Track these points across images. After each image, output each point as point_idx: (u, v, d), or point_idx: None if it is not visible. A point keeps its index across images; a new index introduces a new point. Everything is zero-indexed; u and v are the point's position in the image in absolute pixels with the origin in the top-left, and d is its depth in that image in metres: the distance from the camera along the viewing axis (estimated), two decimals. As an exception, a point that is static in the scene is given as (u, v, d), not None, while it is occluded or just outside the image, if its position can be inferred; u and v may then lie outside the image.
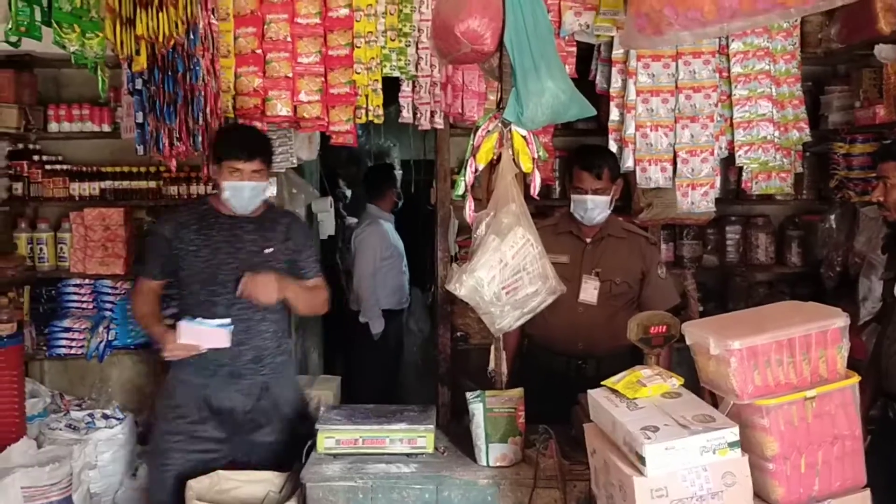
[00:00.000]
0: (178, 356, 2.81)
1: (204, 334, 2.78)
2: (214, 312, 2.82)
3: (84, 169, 4.03)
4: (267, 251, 2.92)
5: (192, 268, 2.86)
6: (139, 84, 3.05)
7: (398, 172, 6.63)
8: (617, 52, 3.44)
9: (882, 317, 2.73)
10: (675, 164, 3.43)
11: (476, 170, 2.53)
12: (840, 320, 1.82)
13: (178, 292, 2.97)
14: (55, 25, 2.20)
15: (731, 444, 1.69)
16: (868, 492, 1.83)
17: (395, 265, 5.15)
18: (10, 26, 2.07)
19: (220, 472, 2.69)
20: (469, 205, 2.58)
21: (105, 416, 3.70)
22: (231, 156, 2.83)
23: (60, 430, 3.52)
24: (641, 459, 1.67)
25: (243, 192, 2.85)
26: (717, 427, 1.70)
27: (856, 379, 1.84)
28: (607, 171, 3.02)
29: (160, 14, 2.59)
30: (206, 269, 2.85)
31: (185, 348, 2.78)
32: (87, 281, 4.08)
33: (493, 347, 2.73)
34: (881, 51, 3.39)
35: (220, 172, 2.84)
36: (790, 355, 1.77)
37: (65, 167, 4.05)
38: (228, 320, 2.80)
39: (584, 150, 3.26)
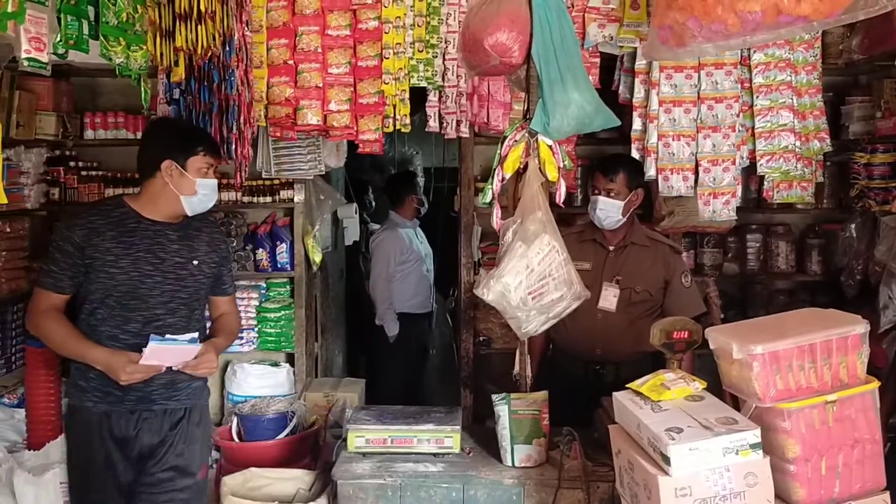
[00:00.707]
0: (137, 379, 2.50)
1: (173, 353, 2.51)
2: (126, 329, 2.56)
3: (118, 175, 4.14)
4: (194, 263, 2.68)
5: (109, 280, 2.54)
6: (176, 94, 3.17)
7: (420, 179, 6.72)
8: (640, 63, 3.50)
9: (902, 325, 2.76)
10: (696, 173, 3.48)
11: (503, 178, 2.60)
12: (860, 327, 1.87)
13: (83, 307, 2.58)
14: (102, 39, 2.29)
15: (753, 446, 1.74)
16: (887, 494, 1.87)
17: (415, 270, 5.22)
18: (59, 39, 2.17)
19: (253, 469, 2.79)
20: (496, 212, 2.65)
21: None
22: (211, 151, 2.66)
23: (94, 428, 3.61)
24: (666, 459, 1.72)
25: (216, 190, 2.69)
26: (740, 429, 1.75)
27: (875, 384, 1.88)
28: (623, 175, 3.05)
29: (199, 27, 2.67)
30: (126, 283, 2.55)
31: (147, 370, 2.49)
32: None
33: (517, 351, 2.79)
34: (902, 62, 3.44)
35: (189, 169, 2.60)
36: (811, 360, 1.82)
37: (99, 173, 4.17)
38: (196, 334, 2.60)
39: (606, 156, 3.33)
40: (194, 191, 2.61)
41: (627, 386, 2.03)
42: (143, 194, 2.65)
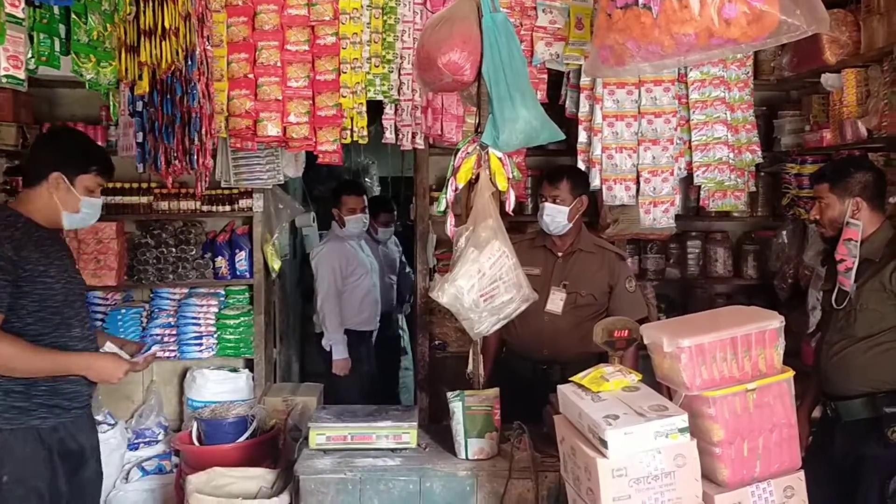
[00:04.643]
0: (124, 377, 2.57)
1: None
2: (72, 335, 2.53)
3: (76, 184, 4.17)
4: (76, 268, 2.67)
5: (47, 291, 2.45)
6: (139, 106, 3.26)
7: (376, 188, 6.82)
8: (585, 80, 3.70)
9: (822, 325, 2.97)
10: (638, 183, 3.69)
11: (456, 188, 2.74)
12: (776, 322, 2.06)
13: (11, 324, 2.38)
14: (73, 56, 2.39)
15: (682, 430, 1.92)
16: (802, 473, 2.06)
17: (361, 284, 4.72)
18: (31, 56, 2.26)
19: (217, 468, 2.88)
20: (450, 220, 2.78)
21: (97, 422, 3.83)
22: (103, 172, 2.58)
23: (55, 435, 3.65)
24: (604, 443, 1.88)
25: (99, 210, 2.63)
26: (669, 415, 1.93)
27: (790, 373, 2.08)
28: (566, 182, 3.20)
29: (163, 43, 2.78)
30: (61, 291, 2.49)
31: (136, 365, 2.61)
32: (79, 292, 4.21)
33: (471, 351, 2.94)
34: (827, 79, 3.64)
35: (77, 186, 2.50)
36: (733, 352, 2.01)
37: (58, 183, 4.20)
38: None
39: (553, 167, 3.50)
40: (77, 209, 2.52)
41: (570, 379, 2.20)
42: (29, 202, 2.51)
